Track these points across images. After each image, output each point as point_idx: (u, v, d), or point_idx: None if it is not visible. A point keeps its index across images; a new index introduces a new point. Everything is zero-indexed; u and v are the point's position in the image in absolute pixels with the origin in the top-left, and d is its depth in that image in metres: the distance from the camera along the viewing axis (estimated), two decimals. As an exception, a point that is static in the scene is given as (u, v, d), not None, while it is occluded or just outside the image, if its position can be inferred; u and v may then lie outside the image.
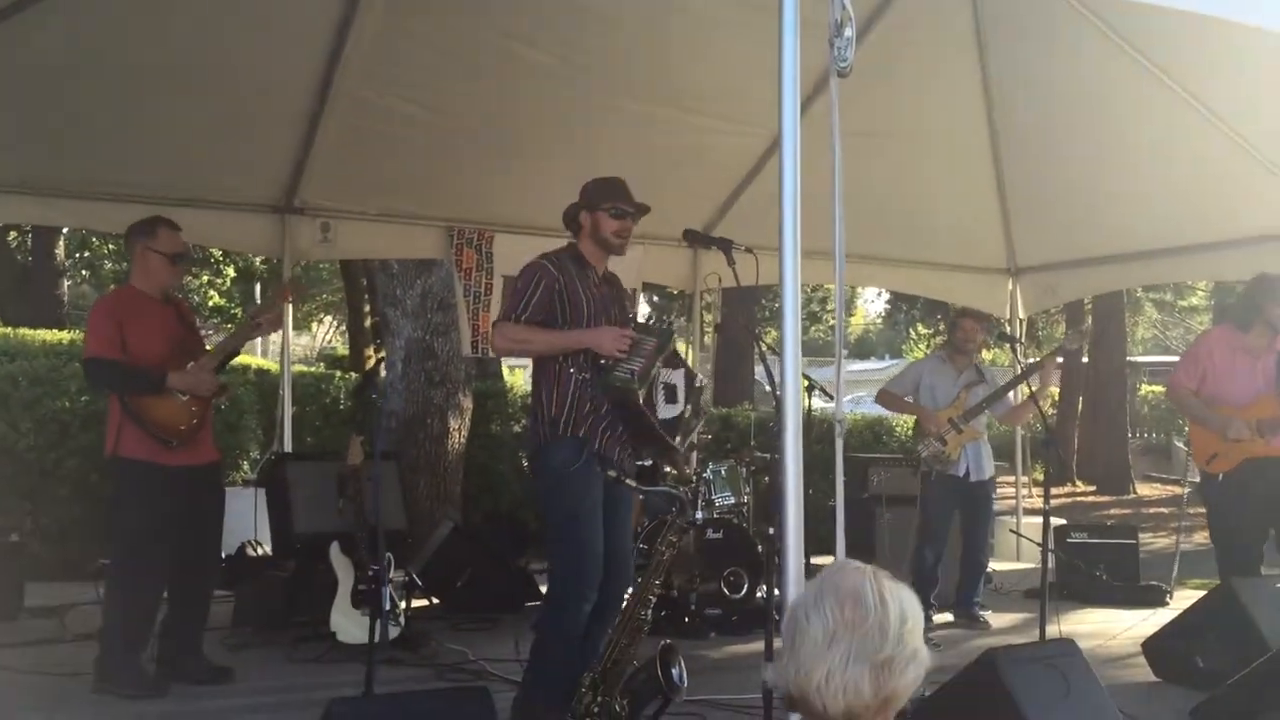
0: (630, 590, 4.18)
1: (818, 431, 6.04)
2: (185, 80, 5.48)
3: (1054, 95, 6.42)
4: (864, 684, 1.69)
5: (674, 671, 3.15)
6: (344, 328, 24.59)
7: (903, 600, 1.76)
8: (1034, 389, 6.21)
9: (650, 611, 3.38)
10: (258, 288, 20.30)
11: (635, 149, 6.44)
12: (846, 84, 3.12)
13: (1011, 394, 6.63)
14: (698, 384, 4.29)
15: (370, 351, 17.50)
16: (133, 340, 4.62)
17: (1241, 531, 5.62)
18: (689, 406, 4.20)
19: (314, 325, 27.99)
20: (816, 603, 1.74)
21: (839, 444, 3.18)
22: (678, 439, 4.17)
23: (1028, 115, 6.68)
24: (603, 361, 4.00)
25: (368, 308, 17.56)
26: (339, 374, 12.55)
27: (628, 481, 3.38)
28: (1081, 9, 5.38)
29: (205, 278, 18.27)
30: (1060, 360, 6.57)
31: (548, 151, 6.52)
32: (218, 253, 16.73)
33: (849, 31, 2.82)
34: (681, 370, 4.25)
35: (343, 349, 23.63)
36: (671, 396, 4.17)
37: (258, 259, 17.35)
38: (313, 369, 15.78)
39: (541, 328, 4.10)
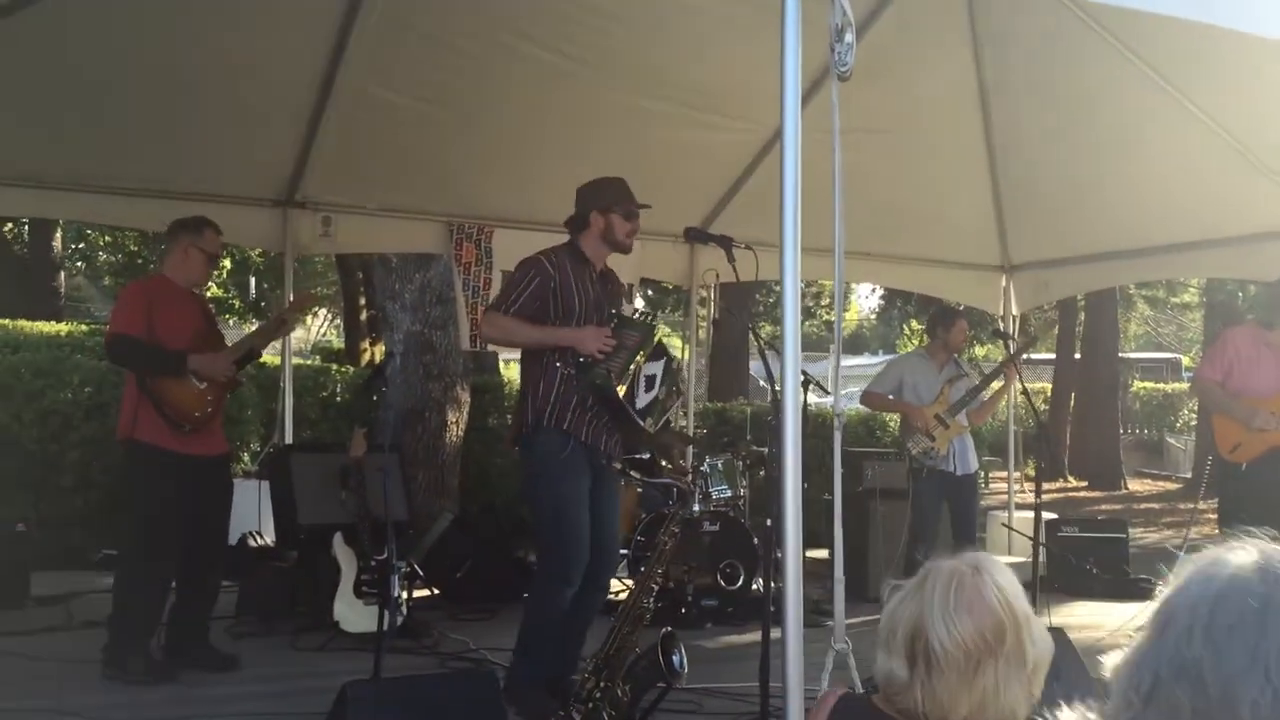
0: (631, 580, 4.27)
1: (812, 426, 6.13)
2: (188, 75, 5.53)
3: (1048, 95, 6.49)
4: (1019, 700, 1.57)
5: (675, 659, 3.23)
6: (339, 321, 24.64)
7: (1016, 588, 1.61)
8: (1001, 386, 6.78)
9: (652, 600, 3.47)
10: (252, 280, 20.33)
11: (635, 145, 6.50)
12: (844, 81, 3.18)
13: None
14: (674, 366, 4.43)
15: (366, 344, 17.57)
16: (160, 325, 4.76)
17: (1254, 522, 5.75)
18: (664, 388, 4.35)
19: (308, 318, 28.03)
20: (946, 622, 1.57)
21: (837, 438, 3.25)
22: (649, 421, 4.31)
23: (1022, 114, 6.74)
24: (583, 359, 4.14)
25: (363, 301, 17.61)
26: (335, 367, 12.60)
27: (631, 474, 3.47)
28: (1075, 9, 5.45)
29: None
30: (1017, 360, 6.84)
31: (548, 147, 6.59)
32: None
33: (849, 37, 2.88)
34: (662, 360, 4.39)
35: (338, 342, 23.67)
36: (651, 385, 4.32)
37: (254, 251, 17.39)
38: (309, 362, 15.82)
39: (528, 321, 4.22)
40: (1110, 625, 6.36)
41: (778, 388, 3.93)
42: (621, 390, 4.14)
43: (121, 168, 6.22)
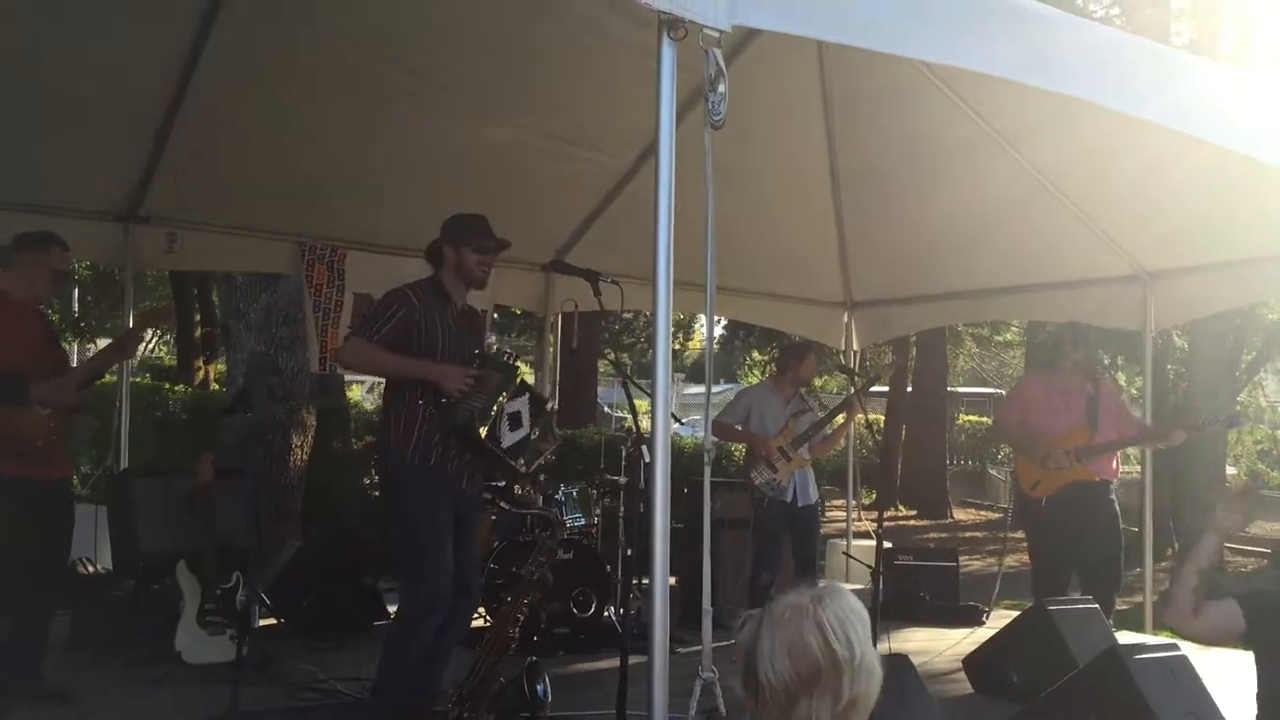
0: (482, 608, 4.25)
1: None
2: (27, 80, 5.30)
3: (892, 146, 6.77)
4: None
5: (539, 688, 3.26)
6: (169, 337, 23.70)
7: (847, 628, 1.73)
8: (843, 420, 7.01)
9: (518, 630, 3.50)
10: (75, 291, 19.37)
11: (493, 173, 6.52)
12: (696, 122, 3.27)
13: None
14: (548, 408, 4.47)
15: (200, 363, 16.99)
16: None
17: (1058, 552, 6.15)
18: (536, 429, 4.37)
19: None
20: (771, 660, 1.70)
21: (707, 471, 3.36)
22: (521, 461, 4.34)
23: (867, 162, 7.02)
24: (444, 400, 4.15)
25: (198, 317, 17.03)
26: (168, 385, 12.18)
27: (501, 504, 3.50)
28: (923, 69, 5.73)
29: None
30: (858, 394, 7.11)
31: (405, 172, 6.54)
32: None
33: (722, 87, 2.99)
34: (525, 396, 4.42)
35: (169, 359, 22.80)
36: (516, 423, 4.35)
37: (80, 264, 16.60)
38: (139, 379, 15.19)
39: (392, 351, 4.21)
40: (943, 649, 6.66)
41: (636, 417, 4.05)
42: (484, 431, 4.16)
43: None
